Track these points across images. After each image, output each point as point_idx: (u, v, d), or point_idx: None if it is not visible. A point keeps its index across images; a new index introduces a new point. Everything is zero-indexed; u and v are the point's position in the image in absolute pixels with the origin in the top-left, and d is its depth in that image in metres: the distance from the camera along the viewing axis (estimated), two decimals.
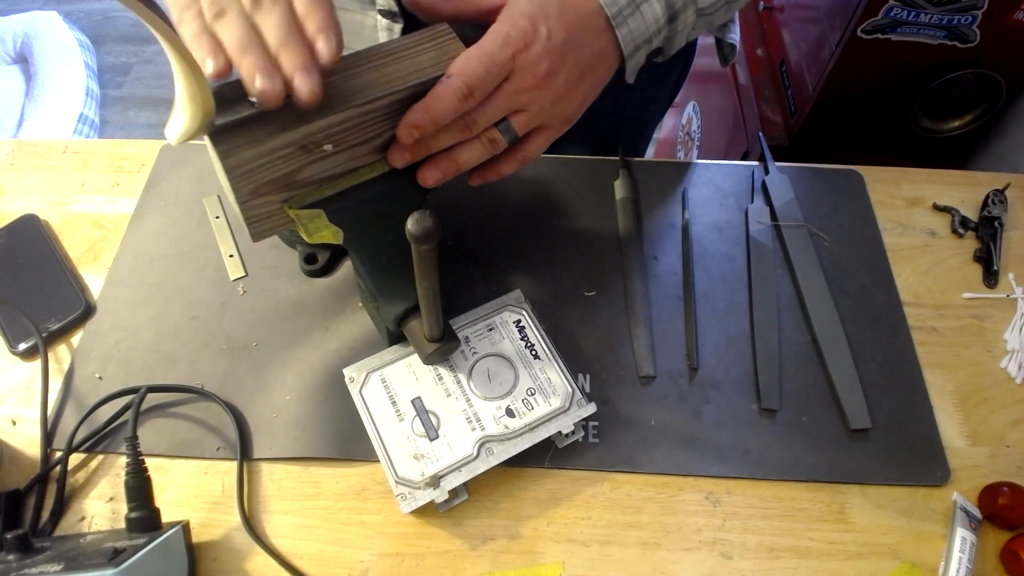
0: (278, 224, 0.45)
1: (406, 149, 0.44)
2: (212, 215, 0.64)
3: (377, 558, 0.48)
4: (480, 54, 0.42)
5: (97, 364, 0.55)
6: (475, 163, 0.46)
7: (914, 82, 1.32)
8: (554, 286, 0.60)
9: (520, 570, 0.47)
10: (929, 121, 1.38)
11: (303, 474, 0.51)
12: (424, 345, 0.49)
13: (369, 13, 0.57)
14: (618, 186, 0.65)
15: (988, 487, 0.50)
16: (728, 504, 0.50)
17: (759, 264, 0.61)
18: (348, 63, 0.43)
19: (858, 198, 0.66)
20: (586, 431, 0.52)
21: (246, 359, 0.56)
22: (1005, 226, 0.64)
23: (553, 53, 0.44)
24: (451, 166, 0.46)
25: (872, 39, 1.24)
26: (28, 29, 1.97)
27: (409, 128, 0.42)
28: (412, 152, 0.45)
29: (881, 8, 1.21)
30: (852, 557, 0.48)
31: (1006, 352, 0.57)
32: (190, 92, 0.35)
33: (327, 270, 0.60)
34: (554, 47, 0.44)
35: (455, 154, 0.46)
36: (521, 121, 0.46)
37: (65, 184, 0.67)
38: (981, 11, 1.17)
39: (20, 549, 0.43)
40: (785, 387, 0.55)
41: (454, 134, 0.44)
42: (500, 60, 0.42)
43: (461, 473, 0.47)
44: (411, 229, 0.37)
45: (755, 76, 1.38)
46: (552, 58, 0.44)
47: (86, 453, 0.52)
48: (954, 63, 1.24)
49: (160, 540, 0.43)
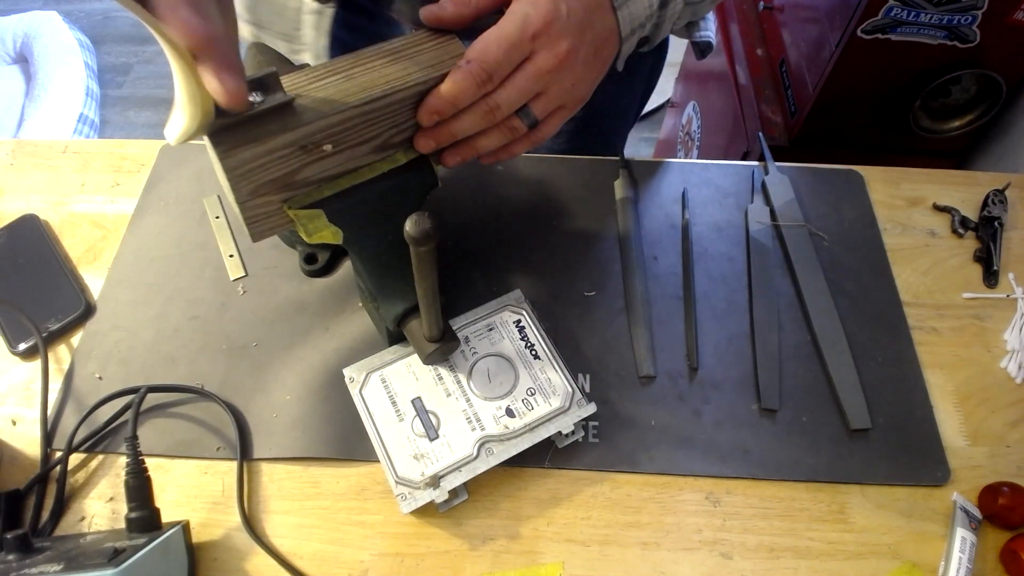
0: (278, 224, 0.45)
1: (430, 135, 0.45)
2: (212, 215, 0.64)
3: (377, 558, 0.48)
4: (499, 37, 0.42)
5: (97, 364, 0.55)
6: (494, 148, 0.47)
7: (914, 82, 1.32)
8: (554, 286, 0.60)
9: (520, 570, 0.47)
10: (929, 121, 1.38)
11: (303, 474, 0.51)
12: (424, 345, 0.49)
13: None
14: (618, 186, 0.65)
15: (988, 487, 0.50)
16: (728, 504, 0.50)
17: (759, 264, 0.61)
18: (348, 63, 0.43)
19: (858, 198, 0.66)
20: (586, 431, 0.52)
21: (246, 359, 0.56)
22: (1005, 226, 0.64)
23: (572, 31, 0.43)
24: (470, 151, 0.47)
25: (872, 39, 1.24)
26: (28, 29, 1.97)
27: (429, 113, 0.43)
28: (436, 138, 0.45)
29: (881, 8, 1.21)
30: (852, 557, 0.48)
31: (1006, 352, 0.57)
32: (190, 92, 0.35)
33: (327, 270, 0.60)
34: (573, 25, 0.43)
35: (475, 141, 0.46)
36: (541, 105, 0.46)
37: (65, 184, 0.67)
38: (981, 11, 1.17)
39: (20, 549, 0.43)
40: (785, 387, 0.55)
41: (478, 121, 0.44)
42: (519, 42, 0.42)
43: (461, 473, 0.47)
44: (409, 231, 0.37)
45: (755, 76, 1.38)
46: (572, 36, 0.43)
47: (86, 453, 0.52)
48: (954, 63, 1.24)
49: (160, 540, 0.43)
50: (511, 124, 0.45)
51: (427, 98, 0.43)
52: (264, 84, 0.40)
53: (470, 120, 0.44)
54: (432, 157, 0.47)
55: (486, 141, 0.46)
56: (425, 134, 0.45)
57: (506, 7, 0.43)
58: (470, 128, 0.45)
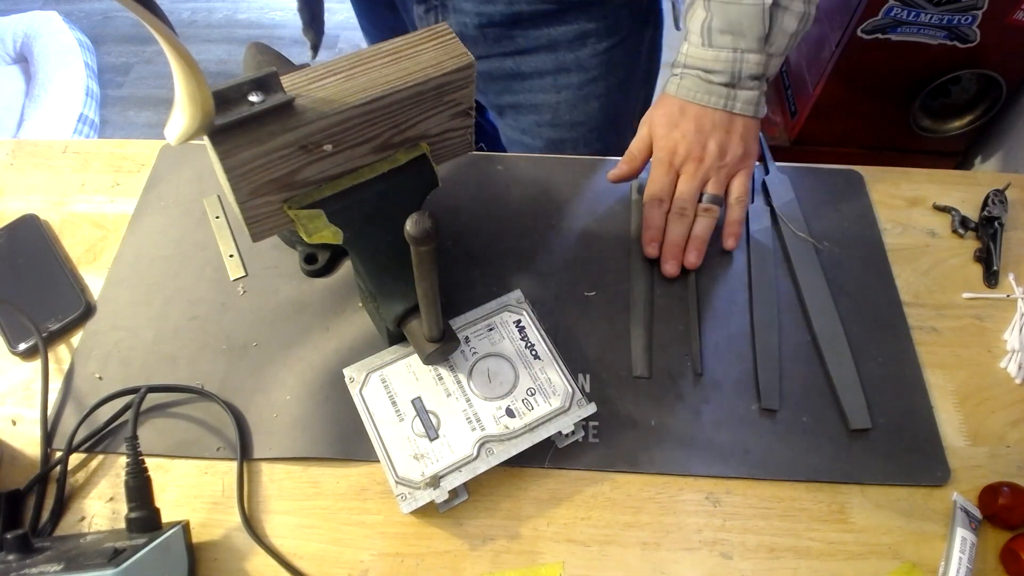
0: (278, 224, 0.45)
1: (665, 259, 0.60)
2: (212, 215, 0.64)
3: (377, 558, 0.48)
4: (651, 180, 0.62)
5: (97, 364, 0.55)
6: (706, 230, 0.60)
7: (914, 82, 1.32)
8: (554, 286, 0.60)
9: (520, 570, 0.47)
10: (929, 121, 1.38)
11: (303, 474, 0.51)
12: (424, 345, 0.49)
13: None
14: (634, 186, 0.65)
15: (988, 487, 0.50)
16: (728, 504, 0.50)
17: (759, 264, 0.61)
18: (348, 63, 0.43)
19: (858, 198, 0.66)
20: (586, 431, 0.52)
21: (246, 359, 0.56)
22: (1005, 226, 0.64)
23: (692, 142, 0.60)
24: (691, 242, 0.60)
25: (872, 39, 1.24)
26: (28, 29, 1.97)
27: (648, 245, 0.60)
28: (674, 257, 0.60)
29: (881, 8, 1.21)
30: (852, 557, 0.48)
31: (1006, 352, 0.57)
32: (190, 92, 0.35)
33: (327, 270, 0.60)
34: (692, 139, 0.60)
35: (695, 232, 0.60)
36: (713, 186, 0.61)
37: (65, 184, 0.67)
38: (981, 11, 1.17)
39: (20, 549, 0.43)
40: (785, 387, 0.55)
41: (681, 225, 0.60)
42: (662, 174, 0.61)
43: (461, 473, 0.47)
44: (409, 231, 0.37)
45: None
46: (694, 144, 0.60)
47: (86, 453, 0.52)
48: (954, 63, 1.24)
49: (160, 540, 0.43)
50: (703, 209, 0.61)
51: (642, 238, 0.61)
52: (264, 84, 0.40)
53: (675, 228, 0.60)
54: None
55: (700, 228, 0.60)
56: (662, 261, 0.60)
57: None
58: (680, 233, 0.60)
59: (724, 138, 0.60)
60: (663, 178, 0.61)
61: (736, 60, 0.58)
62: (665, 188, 0.61)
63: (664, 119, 0.62)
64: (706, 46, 0.58)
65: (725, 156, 0.61)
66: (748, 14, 0.56)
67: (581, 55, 0.73)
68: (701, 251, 0.60)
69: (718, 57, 0.58)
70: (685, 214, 0.60)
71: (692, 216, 0.61)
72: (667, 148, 0.61)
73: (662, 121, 0.62)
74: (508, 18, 0.70)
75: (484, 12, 0.69)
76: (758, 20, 0.56)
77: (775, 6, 0.56)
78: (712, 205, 0.61)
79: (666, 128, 0.61)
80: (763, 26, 0.56)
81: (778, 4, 0.56)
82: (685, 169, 0.61)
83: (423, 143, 0.47)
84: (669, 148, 0.61)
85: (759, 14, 0.56)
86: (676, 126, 0.61)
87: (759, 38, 0.57)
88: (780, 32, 0.57)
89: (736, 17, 0.57)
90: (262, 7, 2.22)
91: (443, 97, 0.45)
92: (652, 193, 0.61)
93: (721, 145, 0.60)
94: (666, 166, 0.61)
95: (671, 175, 0.61)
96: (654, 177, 0.62)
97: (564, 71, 0.74)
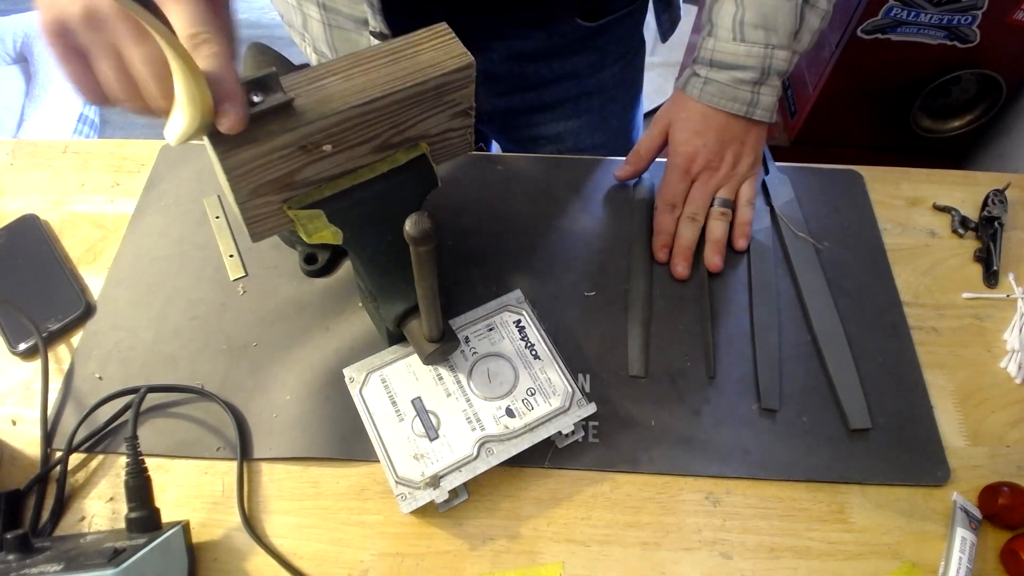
0: (278, 224, 0.45)
1: (675, 262, 0.60)
2: (212, 215, 0.64)
3: (377, 558, 0.48)
4: (665, 183, 0.63)
5: (97, 364, 0.55)
6: (724, 233, 0.61)
7: (914, 82, 1.32)
8: (554, 286, 0.60)
9: (520, 570, 0.47)
10: (929, 121, 1.38)
11: (303, 474, 0.51)
12: (424, 345, 0.49)
13: (364, 33, 0.61)
14: (638, 188, 0.65)
15: (988, 487, 0.50)
16: (728, 504, 0.50)
17: (759, 264, 0.61)
18: (347, 63, 0.43)
19: (858, 198, 0.66)
20: (586, 431, 0.52)
21: (246, 359, 0.56)
22: (1005, 226, 0.64)
23: (712, 152, 0.61)
24: (713, 246, 0.60)
25: (872, 39, 1.24)
26: (28, 29, 1.97)
27: (659, 251, 0.61)
28: (684, 259, 0.60)
29: (881, 8, 1.21)
30: (852, 557, 0.48)
31: (1006, 352, 0.57)
32: (189, 93, 0.35)
33: (327, 270, 0.60)
34: (713, 149, 0.61)
35: (709, 234, 0.61)
36: (724, 192, 0.62)
37: (65, 184, 0.67)
38: (981, 11, 1.17)
39: (20, 549, 0.43)
40: (785, 387, 0.55)
41: (692, 230, 0.61)
42: (677, 180, 0.62)
43: (461, 473, 0.47)
44: (409, 231, 0.37)
45: None
46: (714, 156, 0.61)
47: (86, 453, 0.52)
48: (954, 63, 1.24)
49: (160, 540, 0.43)
50: (717, 212, 0.61)
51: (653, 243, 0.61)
52: (264, 84, 0.40)
53: (687, 232, 0.61)
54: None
55: (715, 230, 0.61)
56: (672, 265, 0.60)
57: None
58: (691, 236, 0.61)
59: (739, 149, 0.61)
60: (678, 184, 0.62)
61: (767, 56, 0.57)
62: (679, 195, 0.62)
63: (686, 124, 0.61)
64: (737, 40, 0.57)
65: (738, 165, 0.62)
66: (783, 9, 0.55)
67: (602, 77, 0.74)
68: (723, 253, 0.60)
69: (750, 52, 0.57)
70: (696, 219, 0.61)
71: (702, 221, 0.61)
72: (686, 155, 0.61)
73: (684, 127, 0.62)
74: (539, 52, 0.70)
75: (514, 48, 0.69)
76: (792, 15, 0.56)
77: (805, 2, 0.55)
78: (726, 209, 0.62)
79: (687, 135, 0.61)
80: (796, 21, 0.56)
81: (807, 1, 0.56)
82: (700, 177, 0.62)
83: (423, 143, 0.47)
84: (688, 155, 0.61)
85: (793, 9, 0.55)
86: (698, 134, 0.61)
87: (791, 33, 0.56)
88: (807, 29, 0.57)
89: (771, 12, 0.56)
90: (262, 7, 2.22)
91: (443, 97, 0.45)
92: (666, 199, 0.62)
93: (736, 155, 0.61)
94: (682, 172, 0.62)
95: (686, 182, 0.62)
96: (669, 182, 0.62)
97: (585, 95, 0.75)
